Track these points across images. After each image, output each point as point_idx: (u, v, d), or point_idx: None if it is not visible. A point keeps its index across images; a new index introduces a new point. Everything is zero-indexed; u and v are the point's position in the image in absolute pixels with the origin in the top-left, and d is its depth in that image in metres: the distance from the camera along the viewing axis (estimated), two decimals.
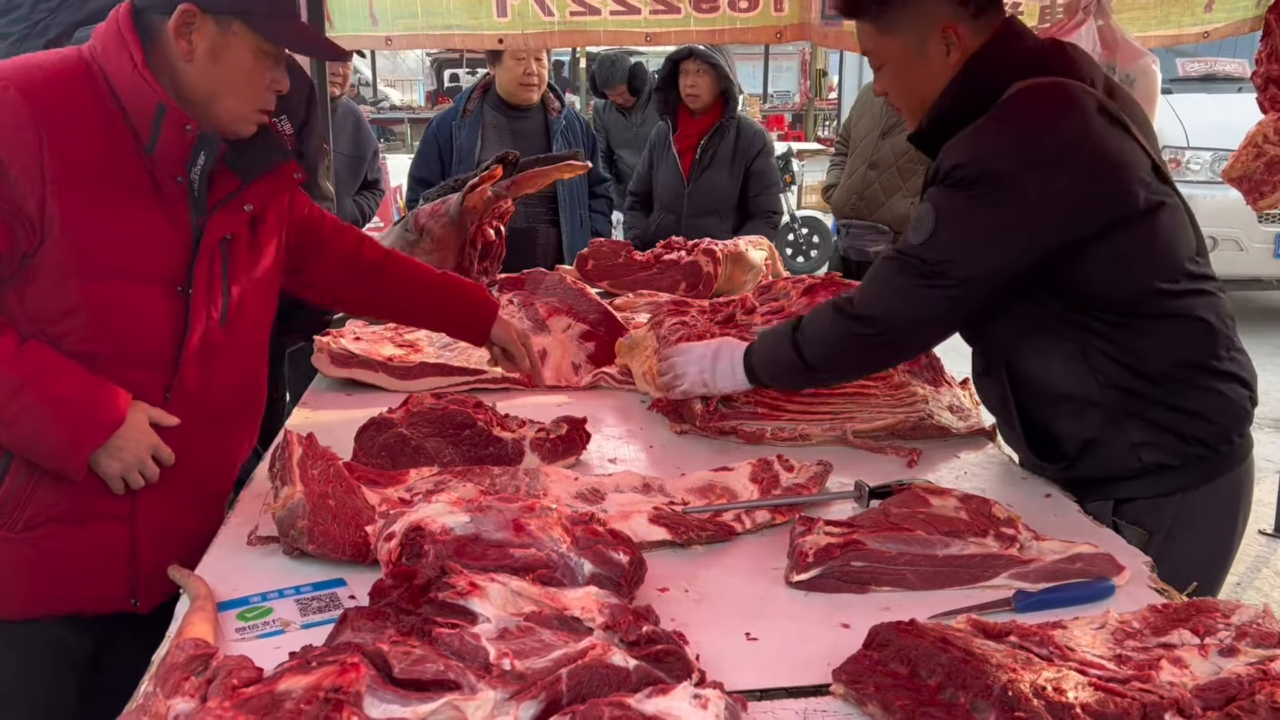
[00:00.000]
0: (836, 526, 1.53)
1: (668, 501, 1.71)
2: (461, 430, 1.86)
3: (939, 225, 1.70)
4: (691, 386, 2.04)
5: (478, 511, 1.39)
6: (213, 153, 1.63)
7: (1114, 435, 1.73)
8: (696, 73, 3.96)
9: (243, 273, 1.75)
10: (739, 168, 4.07)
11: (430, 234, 3.08)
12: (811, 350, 1.84)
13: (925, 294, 1.72)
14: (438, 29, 3.35)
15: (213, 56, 1.58)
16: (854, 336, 1.80)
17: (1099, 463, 1.76)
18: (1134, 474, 1.74)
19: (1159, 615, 1.25)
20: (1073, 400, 1.74)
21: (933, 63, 1.77)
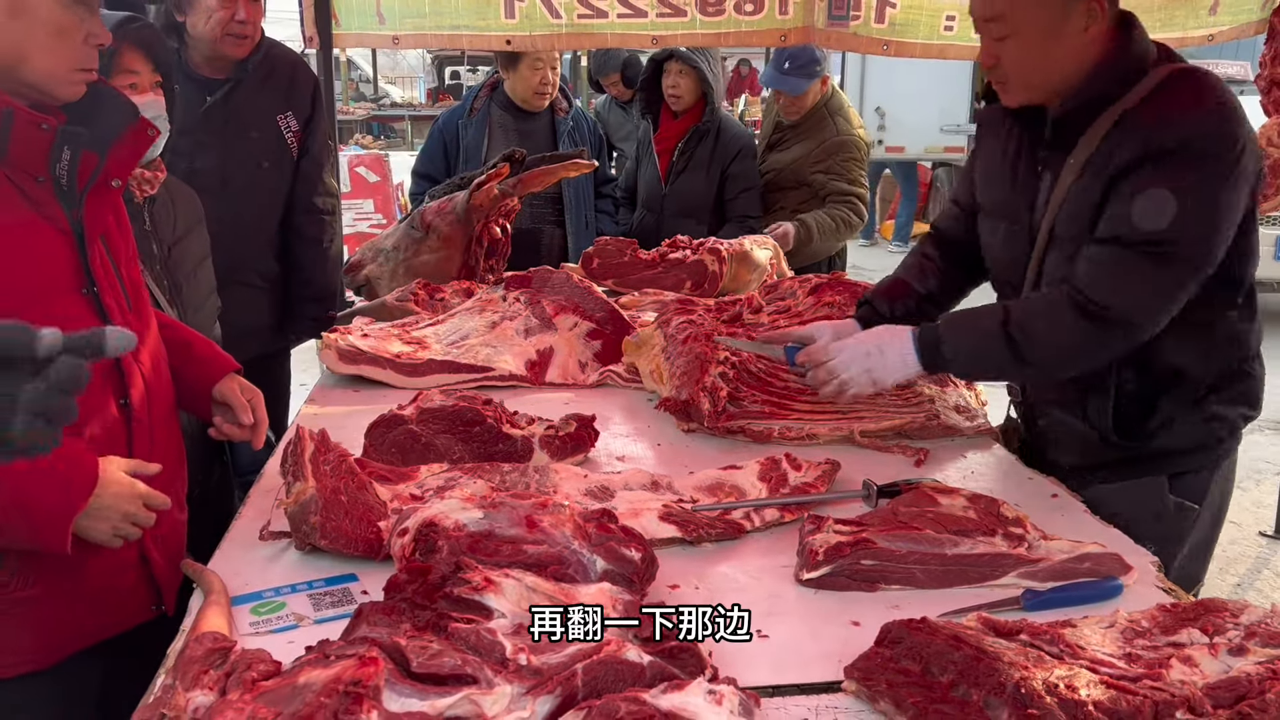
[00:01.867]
0: (846, 525, 1.54)
1: (677, 499, 1.72)
2: (471, 427, 1.87)
3: (1182, 206, 1.66)
4: (860, 387, 1.89)
5: (491, 508, 1.40)
6: (78, 147, 1.50)
7: (1195, 411, 1.83)
8: (679, 74, 3.92)
9: (122, 258, 1.65)
10: (716, 171, 4.01)
11: (437, 231, 3.09)
12: (1038, 350, 1.76)
13: (1168, 278, 1.70)
14: (445, 29, 3.36)
15: (9, 12, 1.40)
16: (1099, 335, 1.72)
17: (1174, 437, 1.84)
18: (1197, 447, 1.86)
19: (1168, 614, 1.26)
20: (1182, 376, 1.82)
21: (1070, 37, 1.74)
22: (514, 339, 2.50)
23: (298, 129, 2.83)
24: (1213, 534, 1.98)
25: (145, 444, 1.65)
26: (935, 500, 1.62)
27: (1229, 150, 1.67)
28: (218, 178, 2.67)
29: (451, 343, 2.50)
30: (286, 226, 2.91)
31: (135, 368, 1.64)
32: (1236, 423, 1.89)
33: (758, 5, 3.40)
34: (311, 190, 2.91)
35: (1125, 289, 1.70)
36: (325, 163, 2.98)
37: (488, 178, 2.95)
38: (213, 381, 1.81)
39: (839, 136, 4.04)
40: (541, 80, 3.69)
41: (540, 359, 2.47)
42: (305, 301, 2.99)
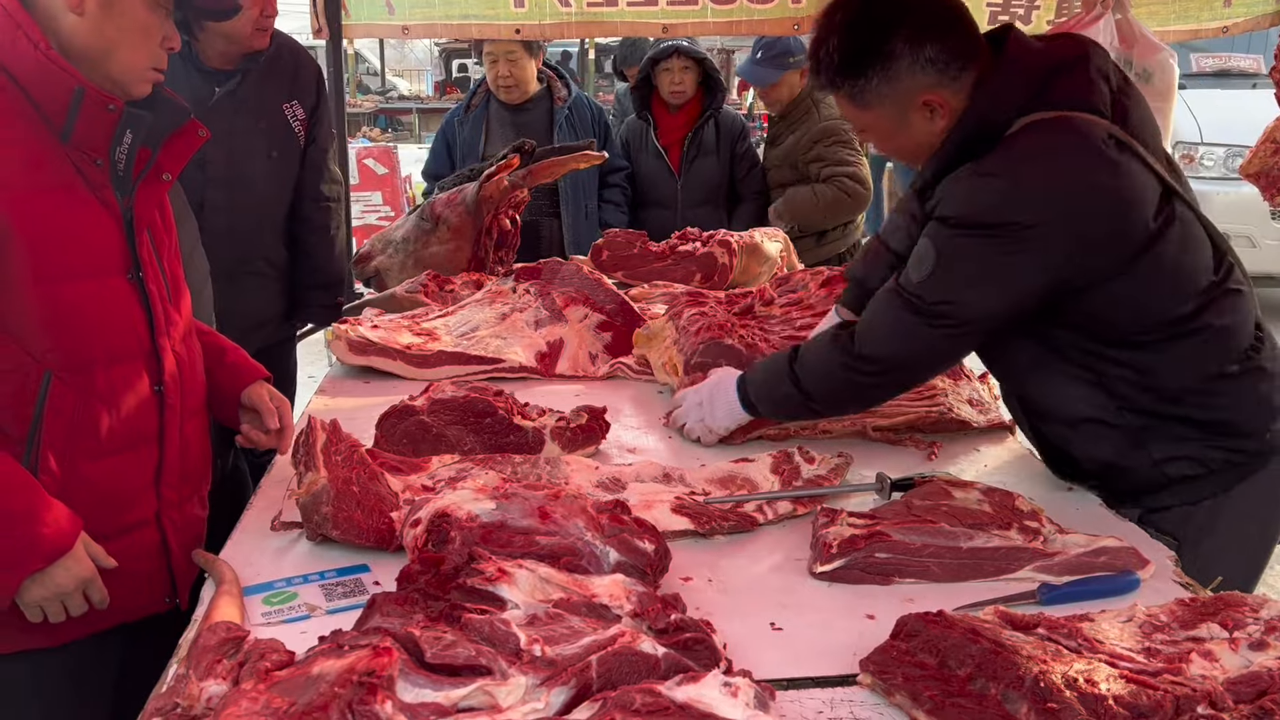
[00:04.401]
0: (859, 518, 1.54)
1: (689, 492, 1.71)
2: (483, 418, 1.86)
3: (939, 266, 1.65)
4: (702, 434, 2.00)
5: (503, 499, 1.39)
6: (140, 129, 1.57)
7: (1135, 455, 1.71)
8: (683, 69, 3.95)
9: (165, 250, 1.70)
10: (725, 154, 4.10)
11: (446, 223, 3.08)
12: (811, 385, 1.80)
13: (926, 333, 1.68)
14: (454, 19, 3.35)
15: (105, 7, 1.49)
16: (855, 376, 1.75)
17: (1123, 480, 1.75)
18: (1161, 486, 1.73)
19: (1186, 609, 1.25)
20: (1090, 424, 1.73)
21: (915, 129, 1.71)
22: (524, 330, 2.49)
23: (304, 118, 2.82)
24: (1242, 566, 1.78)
25: (175, 432, 1.68)
26: (949, 494, 1.61)
27: (1004, 225, 1.60)
28: (229, 169, 2.66)
29: (461, 334, 2.49)
30: (294, 215, 2.90)
31: (171, 354, 1.67)
32: (1212, 460, 1.70)
33: None
34: (318, 178, 2.91)
35: (887, 339, 1.73)
36: (330, 150, 2.97)
37: (498, 169, 2.94)
38: (242, 387, 1.82)
39: (822, 123, 4.08)
40: (497, 75, 3.67)
41: (550, 350, 2.46)
42: (313, 289, 2.99)
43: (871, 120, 1.75)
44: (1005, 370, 1.85)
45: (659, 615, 1.18)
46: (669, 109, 4.15)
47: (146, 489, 1.65)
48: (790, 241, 3.53)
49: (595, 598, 1.20)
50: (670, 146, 4.16)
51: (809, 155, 4.11)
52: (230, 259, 2.61)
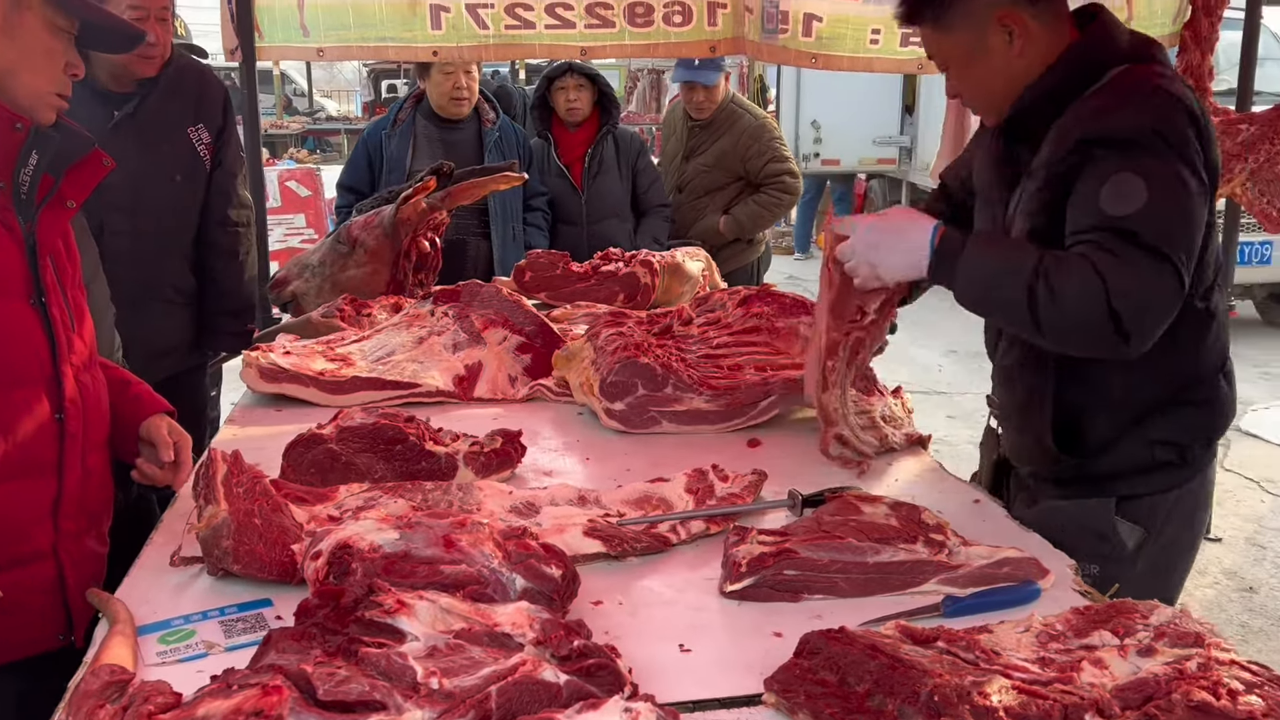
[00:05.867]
0: (769, 536, 1.54)
1: (603, 514, 1.71)
2: (393, 445, 1.84)
3: (1153, 192, 1.59)
4: (863, 279, 1.78)
5: (407, 528, 1.37)
6: (48, 151, 1.57)
7: (1135, 432, 1.80)
8: (577, 87, 4.09)
9: (68, 278, 1.69)
10: (626, 169, 4.23)
11: (364, 246, 3.04)
12: (1056, 310, 1.59)
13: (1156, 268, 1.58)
14: (371, 41, 3.32)
15: (5, 30, 1.50)
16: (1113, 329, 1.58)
17: (1114, 458, 1.81)
18: (1142, 470, 1.81)
19: (1081, 617, 1.28)
20: (1114, 398, 1.79)
21: (995, 55, 1.75)
22: (441, 354, 2.47)
23: (209, 141, 2.78)
24: (1181, 559, 1.92)
25: (76, 462, 1.63)
26: (858, 508, 1.63)
27: (1168, 140, 1.63)
28: (129, 194, 2.60)
29: (377, 359, 2.45)
30: (200, 240, 2.85)
31: (73, 381, 1.63)
32: (1191, 448, 1.81)
33: (686, 16, 3.42)
34: (226, 203, 2.86)
35: (1138, 285, 1.59)
36: (239, 174, 2.92)
37: (414, 191, 2.92)
38: (144, 420, 1.77)
39: (758, 121, 4.49)
40: (454, 86, 3.68)
41: (469, 374, 2.43)
42: (222, 316, 2.93)
43: (952, 47, 1.79)
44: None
45: (562, 642, 1.17)
46: (568, 128, 4.23)
47: (43, 520, 1.61)
48: (712, 260, 3.57)
49: (498, 626, 1.18)
50: (572, 164, 4.25)
51: (749, 152, 4.47)
52: (134, 285, 2.55)
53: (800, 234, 11.72)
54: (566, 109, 4.17)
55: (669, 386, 2.17)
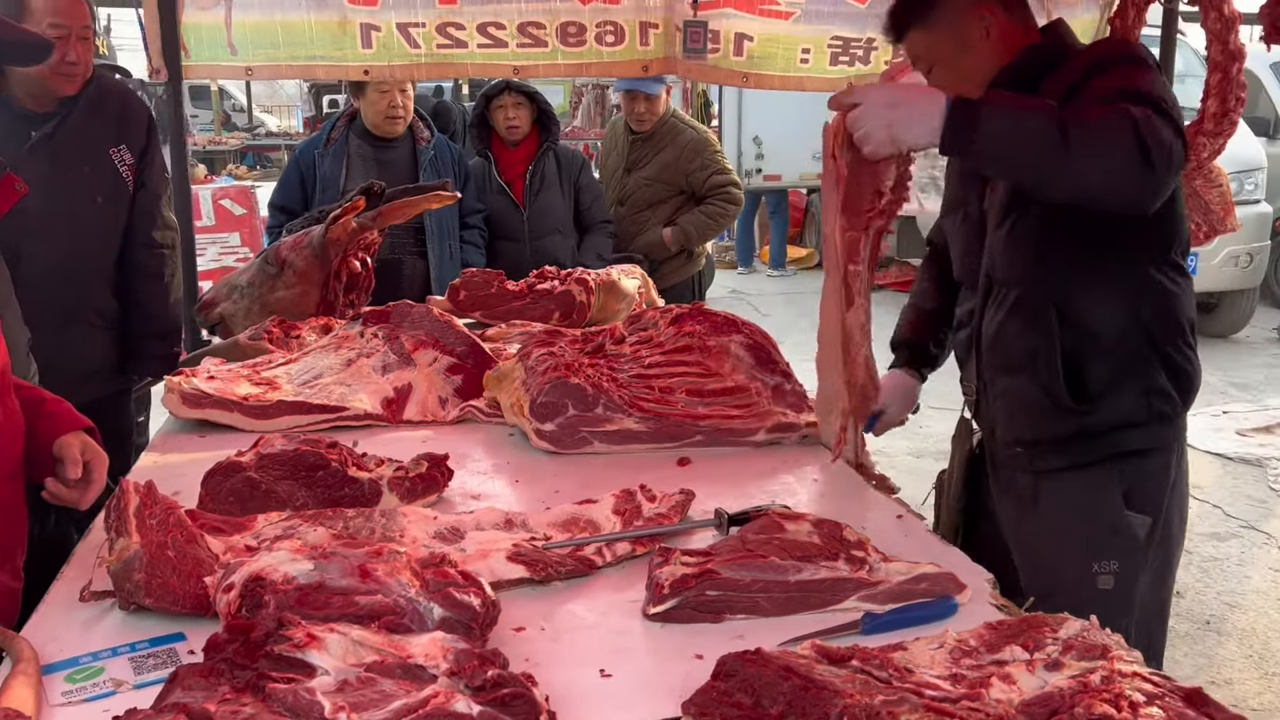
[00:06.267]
0: (692, 556, 1.55)
1: (529, 537, 1.70)
2: (314, 472, 1.81)
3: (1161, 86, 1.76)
4: (878, 143, 1.75)
5: (322, 558, 1.35)
6: None
7: (1134, 379, 1.92)
8: (515, 105, 4.11)
9: None
10: (568, 185, 4.26)
11: (293, 267, 3.01)
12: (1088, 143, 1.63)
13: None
14: (300, 60, 3.28)
15: None
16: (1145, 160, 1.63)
17: (1114, 407, 1.92)
18: (1139, 422, 1.93)
19: (994, 632, 1.30)
20: (1115, 341, 1.91)
21: (976, 48, 1.94)
22: (370, 376, 2.44)
23: (132, 162, 2.73)
24: (1176, 551, 2.07)
25: None
26: (782, 526, 1.64)
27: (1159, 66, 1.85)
28: (49, 215, 2.54)
29: (304, 383, 2.42)
30: (124, 262, 2.79)
31: None
32: (1176, 404, 1.96)
33: (619, 36, 3.44)
34: (150, 224, 2.81)
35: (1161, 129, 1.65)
36: (163, 195, 2.88)
37: (343, 211, 2.89)
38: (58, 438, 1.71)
39: (698, 135, 4.57)
40: (390, 104, 3.66)
41: (398, 396, 2.41)
42: (148, 339, 2.87)
43: (937, 44, 1.97)
44: (1053, 280, 1.94)
45: (476, 672, 1.16)
46: (508, 145, 4.24)
47: None
48: (649, 277, 3.58)
49: (411, 658, 1.17)
50: (513, 181, 4.26)
51: (693, 164, 4.55)
52: (54, 308, 2.49)
53: (742, 248, 11.82)
54: (506, 127, 4.18)
55: (599, 407, 2.17)
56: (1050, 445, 2.00)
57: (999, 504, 2.18)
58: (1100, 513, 1.98)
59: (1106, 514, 1.97)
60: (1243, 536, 4.47)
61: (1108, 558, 1.95)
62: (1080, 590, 1.94)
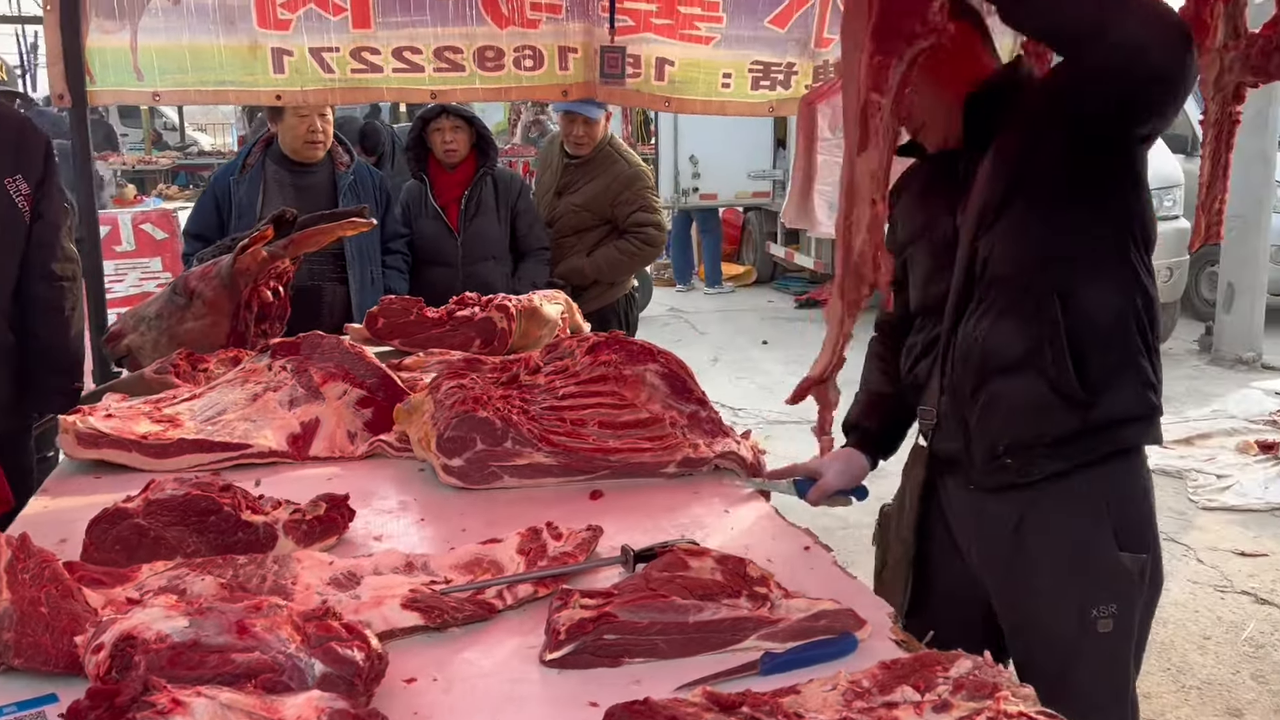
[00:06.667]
0: (593, 599, 1.52)
1: (429, 581, 1.66)
2: (206, 517, 1.75)
3: None
4: None
5: (198, 614, 1.29)
6: None
7: (1131, 370, 1.91)
8: (453, 129, 4.05)
9: None
10: (505, 211, 4.20)
11: (201, 297, 2.93)
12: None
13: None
14: (209, 85, 3.21)
15: None
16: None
17: (1115, 399, 1.90)
18: (1137, 416, 1.93)
19: (887, 672, 1.29)
20: (1111, 328, 1.90)
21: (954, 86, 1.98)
22: (276, 411, 2.38)
23: (28, 192, 2.64)
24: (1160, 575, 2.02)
25: None
26: (686, 564, 1.62)
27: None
28: None
29: (207, 419, 2.35)
30: (21, 295, 2.69)
31: None
32: (1160, 400, 1.96)
33: (538, 61, 3.42)
34: (48, 256, 2.72)
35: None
36: (63, 226, 2.79)
37: (251, 240, 2.82)
38: None
39: (633, 169, 4.48)
40: (309, 129, 3.60)
41: (305, 432, 2.35)
42: (48, 374, 2.78)
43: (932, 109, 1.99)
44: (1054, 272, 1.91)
45: None
46: (445, 168, 4.19)
47: None
48: (572, 302, 3.55)
49: None
50: (448, 205, 4.20)
51: (620, 198, 4.38)
52: None
53: (680, 266, 11.86)
54: (443, 150, 4.13)
55: (509, 441, 2.13)
56: (1048, 447, 1.93)
57: (967, 535, 2.09)
58: (1092, 552, 1.92)
59: (1098, 553, 1.92)
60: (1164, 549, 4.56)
61: (1105, 601, 1.90)
62: (1081, 636, 1.91)
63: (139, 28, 3.12)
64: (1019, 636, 2.02)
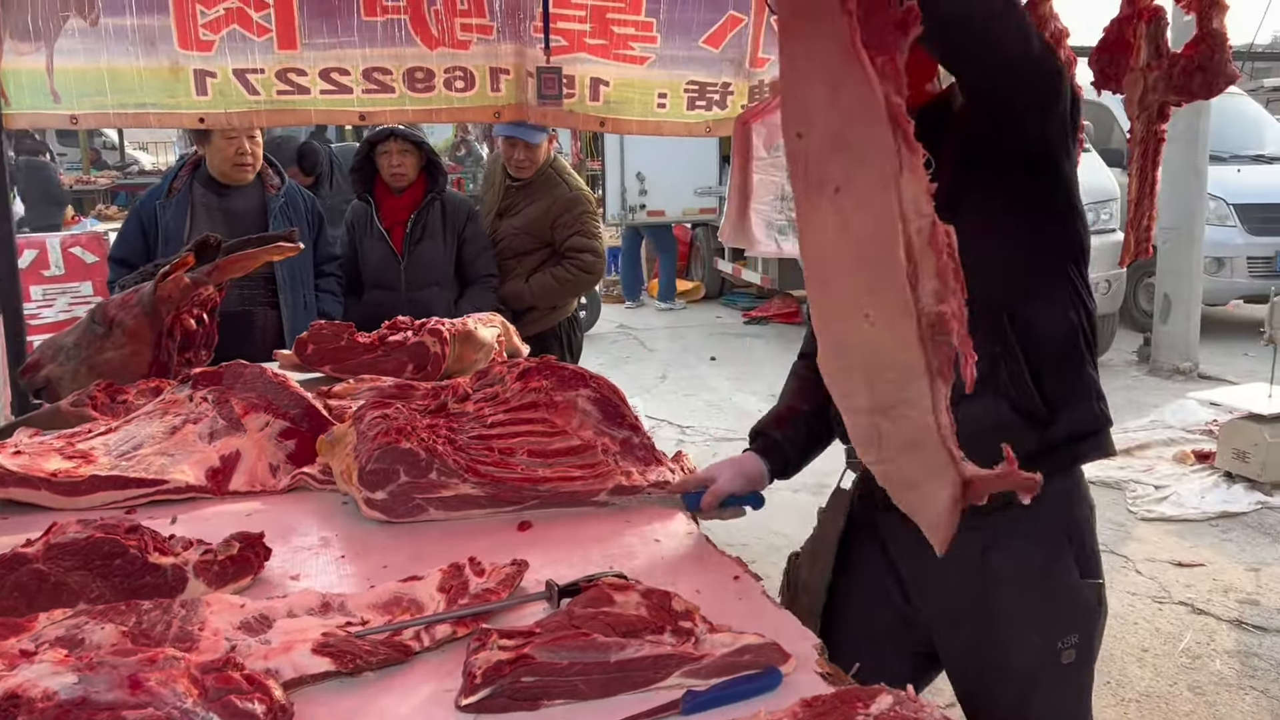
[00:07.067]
0: (511, 639, 1.47)
1: (345, 622, 1.60)
2: (111, 560, 1.67)
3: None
4: None
5: (88, 669, 1.23)
6: None
7: (1083, 384, 1.91)
8: (401, 153, 4.00)
9: None
10: (452, 237, 4.14)
11: (121, 326, 2.85)
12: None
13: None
14: (129, 107, 3.12)
15: None
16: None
17: (1073, 415, 1.89)
18: (1093, 431, 1.91)
19: (808, 710, 1.26)
20: (1060, 343, 1.89)
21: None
22: (195, 444, 2.30)
23: None
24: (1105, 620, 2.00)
25: None
26: (611, 598, 1.58)
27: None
28: None
29: (122, 454, 2.26)
30: None
31: None
32: (1107, 416, 1.94)
33: (469, 82, 3.38)
34: None
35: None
36: None
37: (172, 267, 2.75)
38: None
39: (573, 193, 4.43)
40: (238, 151, 3.53)
41: (224, 465, 2.28)
42: None
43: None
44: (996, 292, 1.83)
45: None
46: (392, 191, 4.13)
47: None
48: (509, 325, 3.51)
49: None
50: (393, 228, 4.13)
51: (559, 221, 4.33)
52: None
53: (628, 283, 11.86)
54: (390, 173, 4.07)
55: (434, 472, 2.08)
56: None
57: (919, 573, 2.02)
58: (1057, 580, 1.91)
59: (1063, 581, 1.91)
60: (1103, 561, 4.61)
61: (1070, 631, 1.90)
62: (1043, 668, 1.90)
63: (55, 49, 3.03)
64: (973, 669, 1.99)
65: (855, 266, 1.33)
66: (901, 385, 1.34)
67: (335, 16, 3.18)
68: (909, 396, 1.34)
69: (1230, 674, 3.62)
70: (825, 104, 1.31)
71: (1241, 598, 4.22)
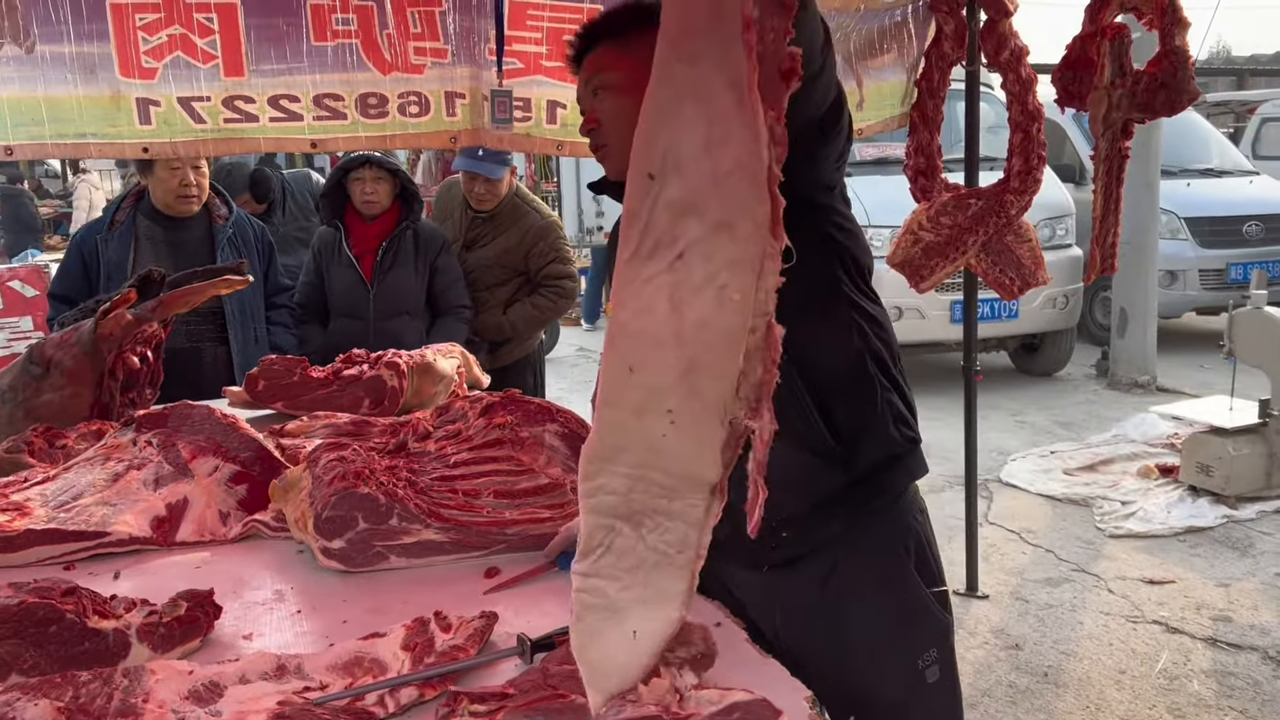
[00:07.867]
0: (483, 703, 1.37)
1: (304, 687, 1.49)
2: (46, 627, 1.55)
3: None
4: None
5: None
6: None
7: (878, 410, 1.82)
8: (374, 180, 3.92)
9: None
10: (424, 266, 4.05)
11: (60, 367, 2.70)
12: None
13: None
14: (69, 138, 2.98)
15: None
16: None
17: (873, 444, 1.82)
18: (898, 455, 1.85)
19: None
20: (846, 373, 1.81)
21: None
22: (139, 492, 2.17)
23: None
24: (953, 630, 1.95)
25: None
26: None
27: None
28: None
29: (60, 505, 2.13)
30: None
31: None
32: (917, 433, 1.89)
33: (424, 107, 3.28)
34: None
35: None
36: None
37: (114, 303, 2.61)
38: None
39: (545, 220, 4.43)
40: (182, 182, 3.41)
41: (171, 514, 2.15)
42: None
43: (627, 69, 1.82)
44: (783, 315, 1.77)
45: None
46: (364, 218, 4.05)
47: None
48: (470, 355, 3.40)
49: None
50: (363, 256, 4.04)
51: (533, 250, 4.30)
52: None
53: (588, 305, 11.78)
54: (363, 200, 3.99)
55: (394, 518, 1.97)
56: (821, 509, 1.83)
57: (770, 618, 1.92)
58: (903, 596, 1.87)
59: (909, 596, 1.87)
60: (1075, 581, 4.58)
61: (927, 647, 1.86)
62: (912, 690, 1.84)
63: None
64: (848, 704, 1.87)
65: (675, 355, 1.10)
66: (673, 496, 1.17)
67: (284, 42, 3.07)
68: (675, 509, 1.18)
69: (1209, 694, 3.58)
70: (695, 149, 1.05)
71: (1214, 615, 4.20)
